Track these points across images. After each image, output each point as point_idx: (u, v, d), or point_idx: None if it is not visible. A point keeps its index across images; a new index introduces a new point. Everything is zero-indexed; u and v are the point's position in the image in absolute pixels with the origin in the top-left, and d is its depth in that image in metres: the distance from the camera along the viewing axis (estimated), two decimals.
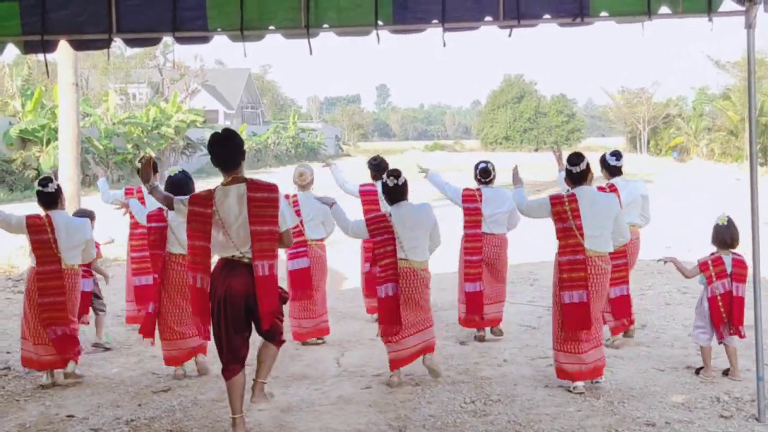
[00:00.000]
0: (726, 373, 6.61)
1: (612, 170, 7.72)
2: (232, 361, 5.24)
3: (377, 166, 8.71)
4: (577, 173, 6.29)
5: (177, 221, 6.53)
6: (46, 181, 6.78)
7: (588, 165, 6.31)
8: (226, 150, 5.24)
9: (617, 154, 7.86)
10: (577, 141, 76.46)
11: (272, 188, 5.23)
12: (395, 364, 6.63)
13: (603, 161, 7.79)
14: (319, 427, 5.53)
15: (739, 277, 6.60)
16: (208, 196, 5.19)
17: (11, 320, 9.32)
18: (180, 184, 6.78)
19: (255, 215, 5.11)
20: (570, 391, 6.24)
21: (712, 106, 45.21)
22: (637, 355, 7.28)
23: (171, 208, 5.42)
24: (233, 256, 5.15)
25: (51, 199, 6.74)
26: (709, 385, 6.40)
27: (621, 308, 7.55)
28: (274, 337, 5.35)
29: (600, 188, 7.30)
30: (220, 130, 5.36)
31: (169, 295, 6.81)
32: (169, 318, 6.82)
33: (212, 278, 5.20)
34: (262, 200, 5.16)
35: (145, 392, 6.51)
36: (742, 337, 6.59)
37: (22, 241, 14.37)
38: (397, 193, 6.63)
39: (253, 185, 5.18)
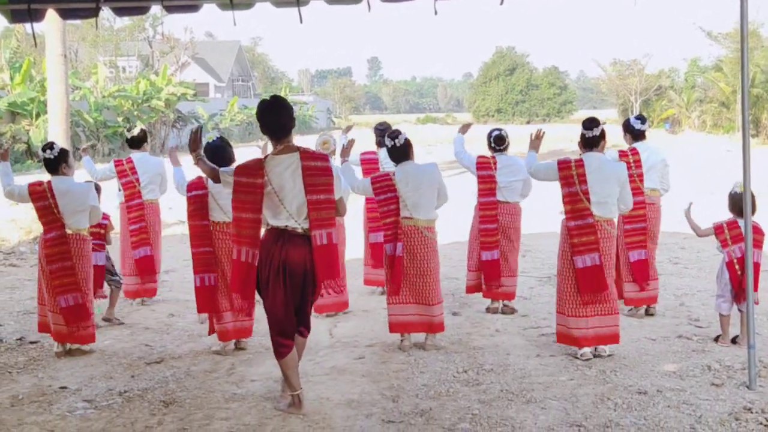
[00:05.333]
0: (734, 340, 6.65)
1: (636, 134, 7.69)
2: (286, 336, 5.16)
3: (382, 132, 8.66)
4: (588, 138, 6.36)
5: (218, 188, 6.44)
6: (46, 147, 6.79)
7: (602, 132, 6.36)
8: (277, 116, 5.09)
9: (642, 118, 7.83)
10: (569, 113, 76.40)
11: (324, 157, 5.16)
12: (393, 327, 6.80)
13: (626, 125, 7.78)
14: (312, 398, 5.54)
15: (755, 243, 6.50)
16: (258, 166, 5.02)
17: (2, 293, 9.31)
18: (219, 150, 6.52)
19: (311, 184, 5.00)
20: (577, 358, 6.32)
21: (704, 77, 45.12)
22: (629, 324, 7.31)
23: (216, 180, 5.30)
24: (287, 226, 5.04)
25: (52, 164, 6.71)
26: (700, 353, 6.44)
27: (640, 272, 7.50)
28: (306, 323, 5.32)
29: (622, 152, 7.43)
30: (268, 97, 5.21)
31: (222, 267, 6.67)
32: (227, 291, 6.62)
33: (262, 250, 5.08)
34: (316, 169, 5.05)
35: (138, 364, 6.51)
36: (756, 303, 6.45)
37: (13, 214, 14.39)
38: (398, 152, 6.70)
39: (306, 154, 5.06)
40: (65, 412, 5.40)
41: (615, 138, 10.14)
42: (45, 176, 6.80)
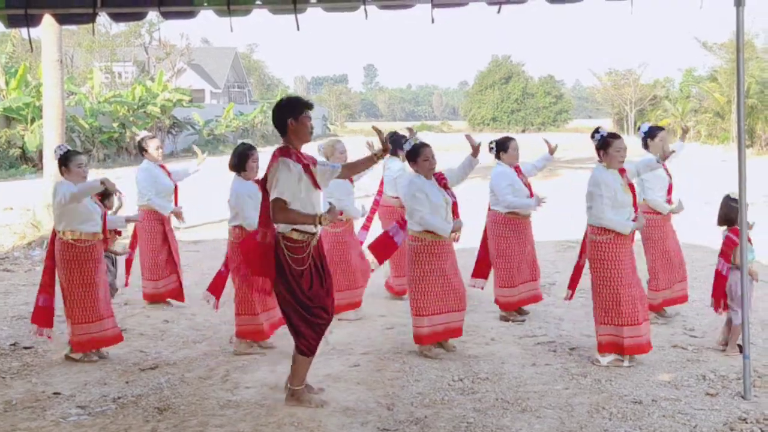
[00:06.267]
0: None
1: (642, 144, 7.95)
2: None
3: (394, 143, 8.72)
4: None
5: (239, 195, 6.92)
6: (57, 148, 6.88)
7: (602, 141, 6.47)
8: (273, 117, 5.43)
9: (641, 128, 8.00)
10: (564, 122, 76.54)
11: (274, 161, 5.27)
12: None
13: None
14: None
15: (722, 254, 6.74)
16: None
17: None
18: (243, 155, 6.99)
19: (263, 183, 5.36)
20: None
21: (699, 87, 45.21)
22: None
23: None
24: None
25: (59, 167, 6.78)
26: (695, 363, 6.44)
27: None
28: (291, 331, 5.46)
29: None
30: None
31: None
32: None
33: None
34: (267, 170, 5.31)
35: (132, 370, 6.49)
36: (716, 310, 6.86)
37: (7, 219, 14.36)
38: (407, 156, 6.90)
39: (272, 155, 5.33)
40: (59, 418, 5.38)
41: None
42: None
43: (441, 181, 6.83)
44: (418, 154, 6.73)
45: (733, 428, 5.06)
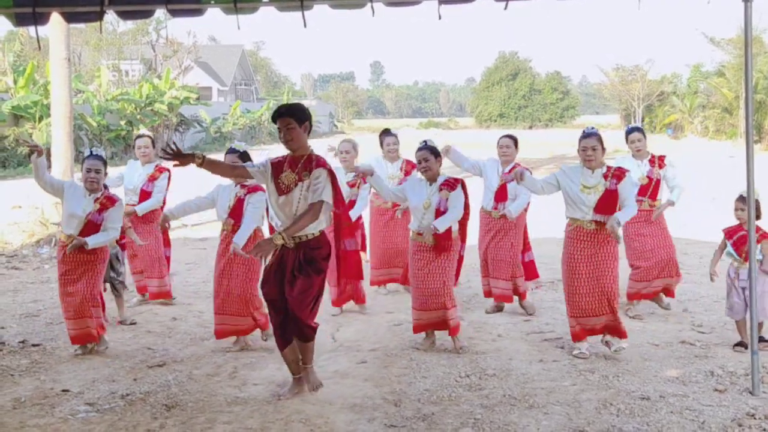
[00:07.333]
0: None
1: None
2: None
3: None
4: None
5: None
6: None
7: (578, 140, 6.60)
8: None
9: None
10: (571, 119, 76.36)
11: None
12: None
13: None
14: (314, 401, 5.54)
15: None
16: None
17: (5, 296, 9.30)
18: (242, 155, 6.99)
19: None
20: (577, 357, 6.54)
21: (707, 83, 45.05)
22: (632, 330, 7.28)
23: None
24: None
25: None
26: (703, 359, 6.43)
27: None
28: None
29: None
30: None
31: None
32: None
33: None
34: None
35: (140, 367, 6.51)
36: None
37: (16, 217, 14.40)
38: None
39: None
40: (67, 415, 5.40)
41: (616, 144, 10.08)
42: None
43: (445, 186, 6.71)
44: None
45: (741, 424, 5.05)
